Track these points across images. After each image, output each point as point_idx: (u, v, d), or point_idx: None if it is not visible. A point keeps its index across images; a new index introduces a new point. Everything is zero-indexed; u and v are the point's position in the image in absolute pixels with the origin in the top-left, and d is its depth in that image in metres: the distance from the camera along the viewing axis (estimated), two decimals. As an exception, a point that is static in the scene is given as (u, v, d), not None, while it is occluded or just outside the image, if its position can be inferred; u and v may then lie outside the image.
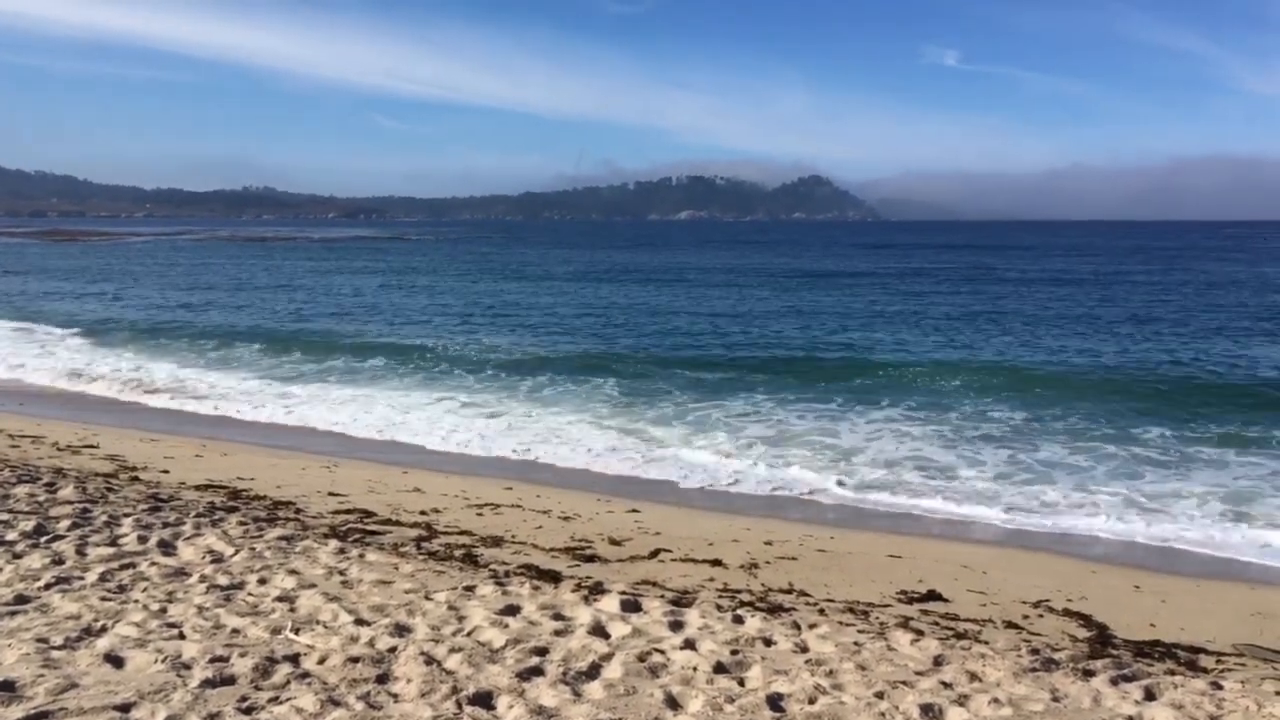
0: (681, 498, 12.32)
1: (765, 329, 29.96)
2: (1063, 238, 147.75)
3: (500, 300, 41.67)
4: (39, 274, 57.84)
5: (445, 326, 31.60)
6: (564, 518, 10.67)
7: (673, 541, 9.67)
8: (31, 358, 23.69)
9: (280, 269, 65.15)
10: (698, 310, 36.29)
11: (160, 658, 5.07)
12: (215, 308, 38.09)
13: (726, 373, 21.35)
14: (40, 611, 5.83)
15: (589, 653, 5.53)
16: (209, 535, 8.08)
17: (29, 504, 8.75)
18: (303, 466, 12.95)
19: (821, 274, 58.64)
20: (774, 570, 8.80)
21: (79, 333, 29.12)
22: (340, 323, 32.85)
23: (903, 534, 10.77)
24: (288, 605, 6.25)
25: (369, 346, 25.95)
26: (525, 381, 20.51)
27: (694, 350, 25.47)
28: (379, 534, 9.22)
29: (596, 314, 35.50)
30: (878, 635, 6.37)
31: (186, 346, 26.26)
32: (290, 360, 23.83)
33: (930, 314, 34.58)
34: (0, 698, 4.47)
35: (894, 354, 24.09)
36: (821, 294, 43.91)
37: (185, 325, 31.77)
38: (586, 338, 28.53)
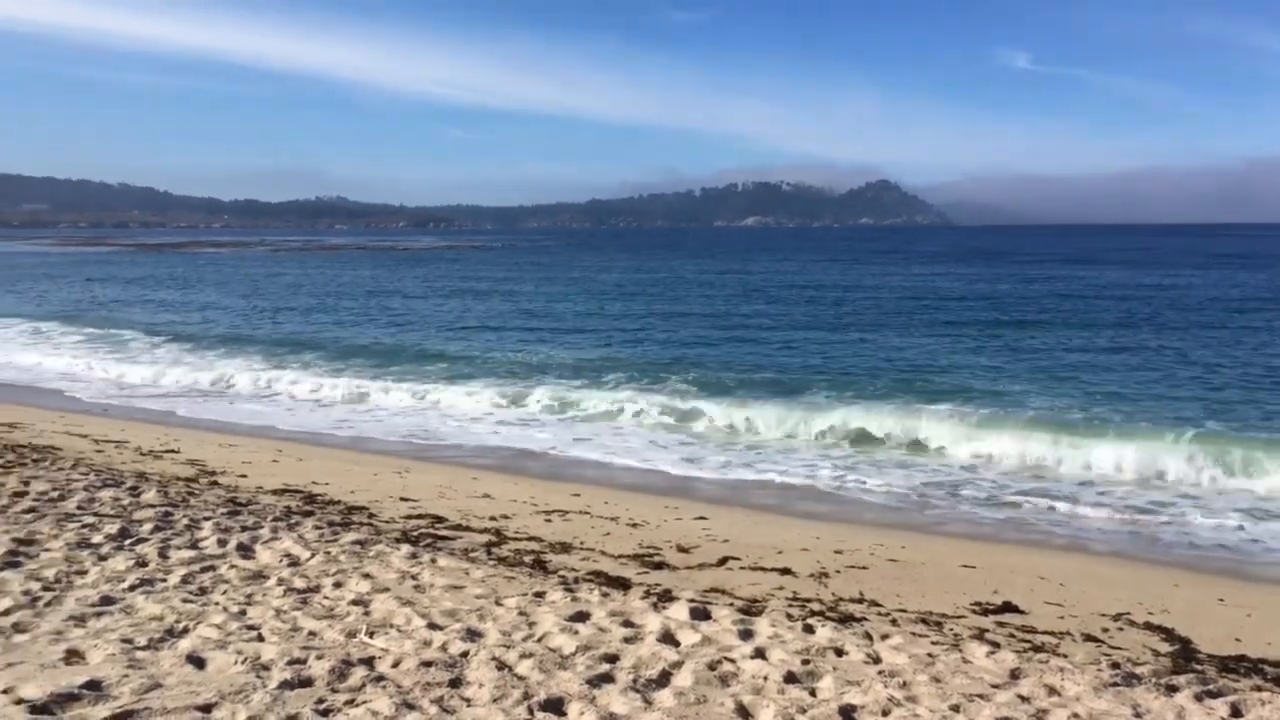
0: (750, 505, 12.25)
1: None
2: (1164, 241, 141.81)
3: (572, 308, 41.90)
4: (123, 283, 59.59)
5: (514, 333, 31.88)
6: (631, 524, 10.68)
7: (741, 549, 9.62)
8: (114, 362, 24.42)
9: (357, 277, 66.29)
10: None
11: (240, 659, 5.18)
12: (291, 314, 38.89)
13: (803, 384, 21.20)
14: (125, 612, 5.99)
15: (659, 660, 5.52)
16: (286, 539, 8.24)
17: (114, 508, 9.00)
18: (375, 472, 13.14)
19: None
20: (844, 579, 8.71)
21: (168, 339, 29.92)
22: (421, 332, 33.30)
23: (976, 544, 10.60)
24: (362, 609, 6.34)
25: (451, 356, 26.28)
26: (597, 387, 20.58)
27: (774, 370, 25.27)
28: (450, 539, 9.31)
29: (673, 322, 35.52)
30: (952, 647, 6.27)
31: (270, 353, 26.83)
32: (367, 366, 24.22)
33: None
34: (88, 696, 4.60)
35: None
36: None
37: (267, 333, 32.50)
38: (663, 346, 28.56)
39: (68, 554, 7.22)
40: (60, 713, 4.43)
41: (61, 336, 31.11)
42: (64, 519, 8.34)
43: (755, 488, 13.22)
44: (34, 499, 9.08)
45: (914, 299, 43.75)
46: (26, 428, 14.85)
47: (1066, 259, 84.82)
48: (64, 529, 7.96)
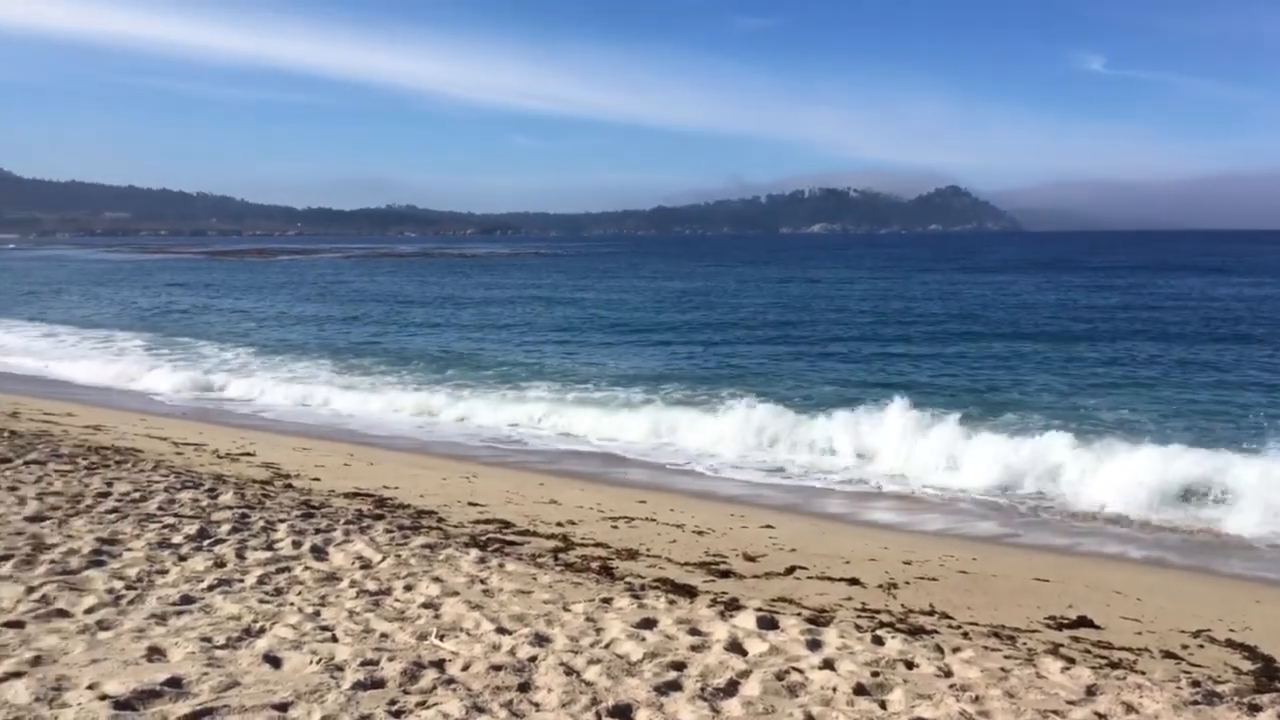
0: (816, 514, 12.17)
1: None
2: (1245, 247, 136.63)
3: (634, 315, 42.01)
4: (201, 288, 61.14)
5: (579, 340, 32.06)
6: (697, 532, 10.66)
7: (808, 559, 9.56)
8: (190, 367, 25.06)
9: (423, 284, 67.21)
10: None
11: (315, 659, 5.27)
12: (357, 320, 39.56)
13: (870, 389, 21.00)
14: (204, 611, 6.13)
15: (726, 669, 5.50)
16: (358, 542, 8.37)
17: (193, 509, 9.23)
18: (443, 477, 13.30)
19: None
20: (914, 591, 8.60)
21: (241, 345, 30.63)
22: (481, 338, 33.67)
23: (1051, 554, 10.40)
24: (432, 612, 6.42)
25: (517, 362, 26.53)
26: (660, 395, 20.60)
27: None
28: (517, 544, 9.38)
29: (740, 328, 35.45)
30: (1026, 661, 6.15)
31: (338, 358, 27.32)
32: (431, 372, 24.54)
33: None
34: (169, 693, 4.72)
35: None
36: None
37: (336, 339, 33.11)
38: (722, 354, 28.51)
39: (149, 553, 7.41)
40: (142, 709, 4.55)
41: (141, 342, 31.99)
42: (145, 519, 8.57)
43: (819, 496, 13.14)
44: (117, 499, 9.34)
45: (981, 309, 43.05)
46: (110, 430, 15.30)
47: (1143, 266, 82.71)
48: (145, 529, 8.18)
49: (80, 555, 7.20)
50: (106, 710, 4.47)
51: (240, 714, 4.53)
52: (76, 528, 8.04)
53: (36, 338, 33.21)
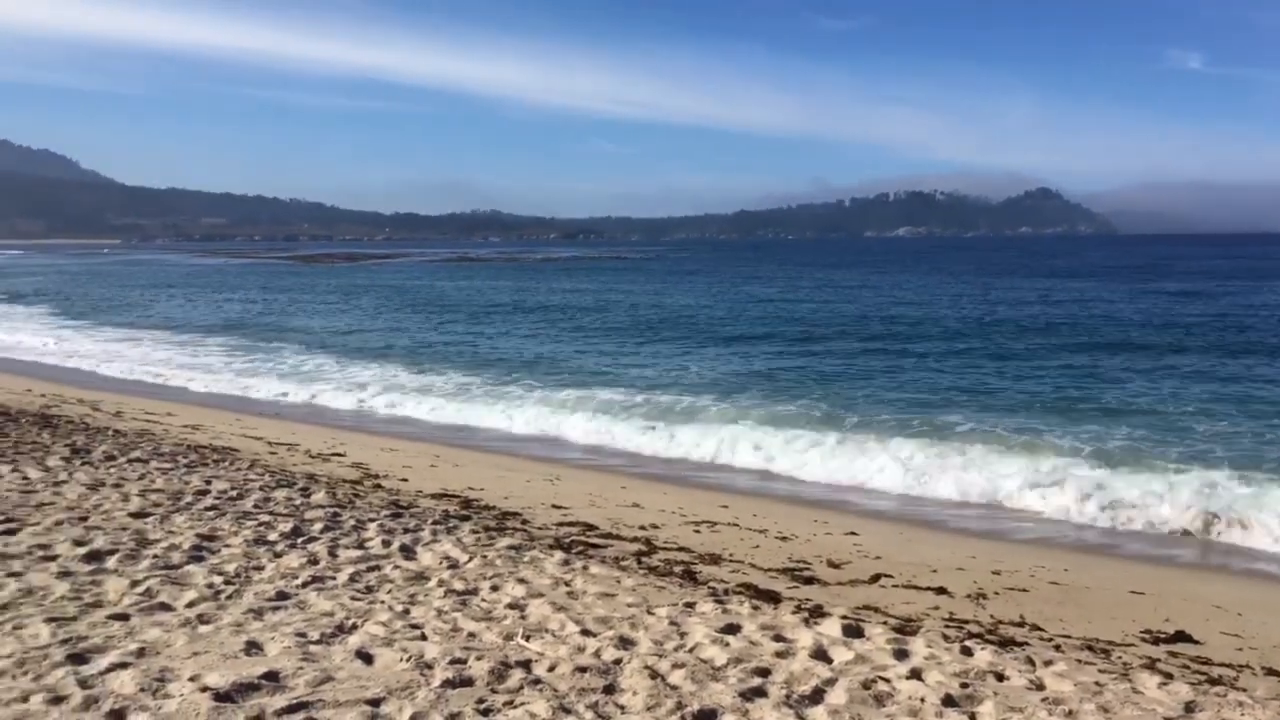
0: (902, 521, 12.01)
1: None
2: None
3: (718, 320, 41.95)
4: (293, 292, 62.76)
5: (654, 345, 32.13)
6: (781, 537, 10.60)
7: (894, 566, 9.44)
8: (281, 368, 25.74)
9: (501, 287, 68.04)
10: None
11: (405, 657, 5.38)
12: (439, 323, 40.21)
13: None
14: (299, 608, 6.30)
15: (811, 676, 5.46)
16: (445, 542, 8.51)
17: (286, 507, 9.49)
18: (527, 479, 13.44)
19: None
20: (1003, 601, 8.43)
21: (332, 348, 31.37)
22: (560, 343, 33.94)
23: (1146, 566, 10.11)
24: (518, 613, 6.50)
25: (596, 370, 26.70)
26: (750, 398, 20.54)
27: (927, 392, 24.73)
28: (601, 547, 9.44)
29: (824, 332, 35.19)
30: (1121, 676, 6.00)
31: (418, 361, 27.81)
32: (514, 375, 24.83)
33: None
34: (266, 687, 4.86)
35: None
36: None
37: (420, 341, 33.72)
38: (803, 359, 28.32)
39: (246, 550, 7.64)
40: (241, 701, 4.69)
41: (231, 343, 32.94)
42: (242, 517, 8.83)
43: (904, 503, 12.96)
44: (215, 497, 9.64)
45: (1071, 319, 42.02)
46: (207, 429, 15.79)
47: (1238, 272, 79.71)
48: (243, 526, 8.43)
49: (181, 551, 7.45)
50: (207, 702, 4.62)
51: (334, 709, 4.65)
52: (177, 524, 8.32)
53: (121, 340, 34.41)
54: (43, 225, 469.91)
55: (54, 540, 7.46)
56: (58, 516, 8.24)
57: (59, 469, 10.45)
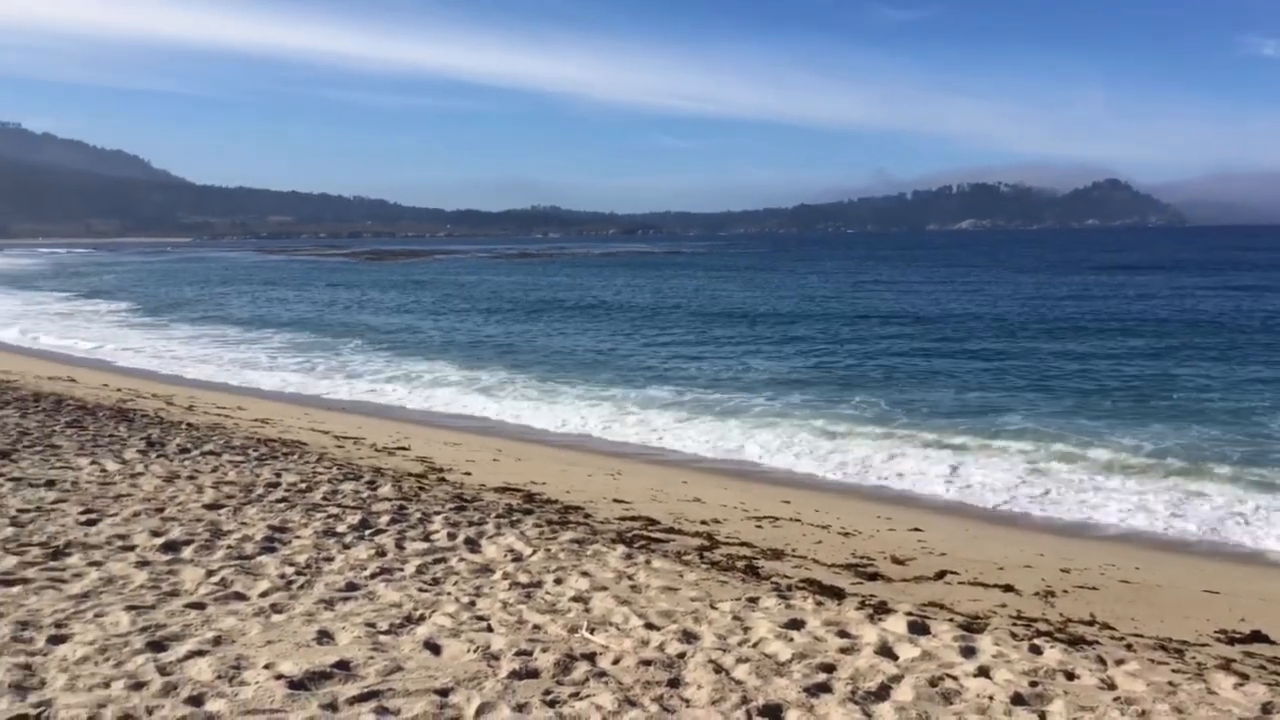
0: (966, 517, 11.86)
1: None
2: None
3: (775, 316, 41.77)
4: (360, 288, 63.73)
5: (714, 344, 32.07)
6: (844, 533, 10.54)
7: (959, 563, 9.33)
8: (348, 364, 26.16)
9: (562, 284, 68.39)
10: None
11: (472, 648, 5.45)
12: (496, 317, 40.55)
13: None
14: (368, 598, 6.41)
15: (877, 673, 5.43)
16: (509, 535, 8.59)
17: (354, 500, 9.65)
18: (589, 473, 13.51)
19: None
20: (1072, 599, 8.30)
21: (400, 344, 31.81)
22: (618, 339, 34.03)
23: (1220, 565, 9.88)
24: (582, 606, 6.54)
25: (652, 366, 26.74)
26: (809, 394, 20.45)
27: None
28: (663, 541, 9.46)
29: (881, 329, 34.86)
30: (1195, 676, 5.87)
31: (480, 358, 28.08)
32: (570, 374, 24.95)
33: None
34: (338, 675, 4.96)
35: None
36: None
37: (480, 337, 34.03)
38: (858, 358, 28.09)
39: (316, 541, 7.79)
40: (314, 689, 4.79)
41: (299, 339, 33.53)
42: (312, 509, 9.00)
43: (969, 500, 12.79)
44: (285, 490, 9.84)
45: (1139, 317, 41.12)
46: (276, 423, 16.11)
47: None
48: (312, 518, 8.59)
49: (254, 542, 7.62)
50: (282, 689, 4.73)
51: (404, 698, 4.72)
52: (250, 516, 8.51)
53: (191, 336, 35.18)
54: (116, 224, 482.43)
55: (132, 531, 7.68)
56: (135, 508, 8.47)
57: (136, 461, 10.74)
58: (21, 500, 8.42)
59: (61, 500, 8.55)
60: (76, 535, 7.45)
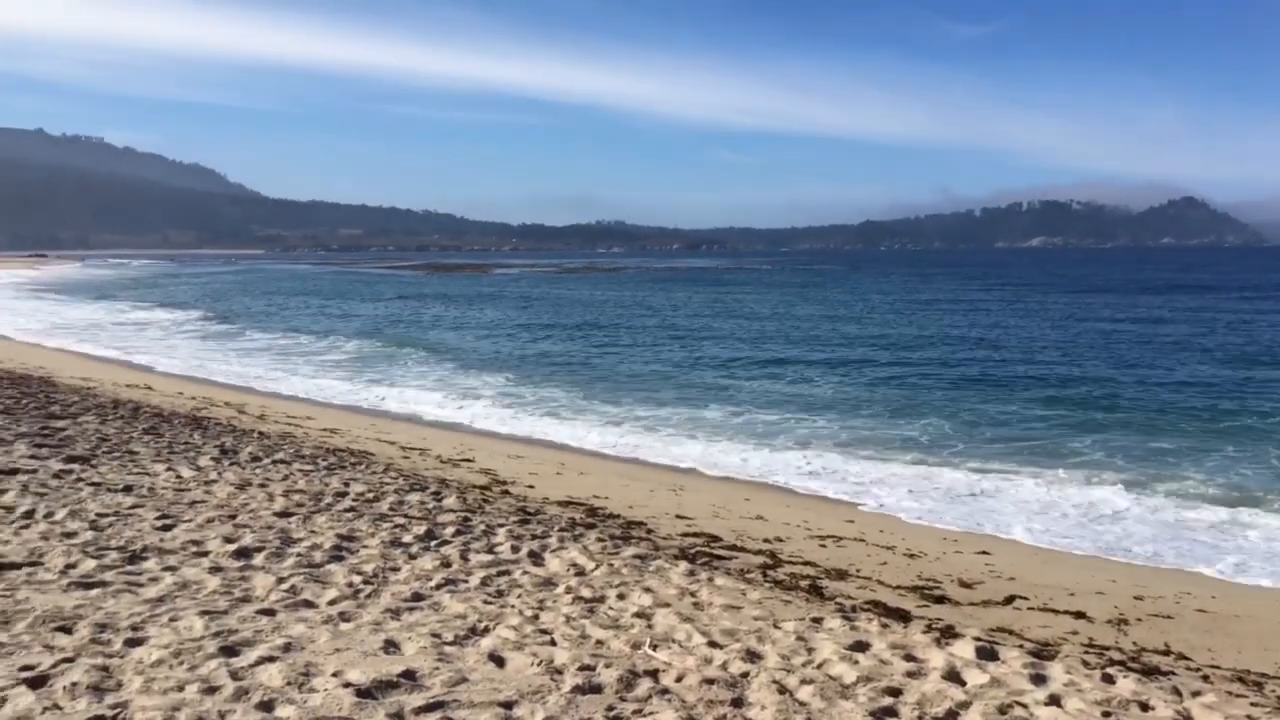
0: (1035, 543, 11.62)
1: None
2: None
3: (832, 339, 41.45)
4: (429, 300, 64.58)
5: (783, 365, 31.91)
6: (909, 555, 10.41)
7: (1028, 588, 9.16)
8: (415, 376, 26.49)
9: (624, 297, 68.58)
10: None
11: (535, 661, 5.47)
12: (558, 331, 40.77)
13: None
14: (433, 609, 6.47)
15: (944, 698, 5.34)
16: (572, 549, 8.62)
17: (420, 510, 9.76)
18: (651, 489, 13.50)
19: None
20: (1146, 628, 8.09)
21: (467, 356, 32.16)
22: (680, 353, 34.00)
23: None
24: (645, 622, 6.53)
25: (716, 385, 26.68)
26: (872, 415, 20.26)
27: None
28: (725, 559, 9.43)
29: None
30: (1275, 710, 5.69)
31: (542, 372, 28.26)
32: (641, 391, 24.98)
33: None
34: (404, 685, 5.01)
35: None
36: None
37: (545, 351, 34.26)
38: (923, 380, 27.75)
39: (383, 551, 7.89)
40: (381, 698, 4.84)
41: (366, 350, 34.05)
42: (379, 519, 9.12)
43: (1037, 526, 12.53)
44: (353, 499, 9.99)
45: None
46: (344, 433, 16.36)
47: None
48: (379, 528, 8.70)
49: (322, 550, 7.74)
50: (350, 697, 4.79)
51: (470, 709, 4.76)
52: (319, 524, 8.65)
53: (263, 347, 35.88)
54: (193, 236, 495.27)
55: (206, 537, 7.84)
56: (209, 514, 8.65)
57: (209, 469, 10.97)
58: (100, 505, 8.65)
59: (138, 505, 8.76)
60: (152, 540, 7.62)
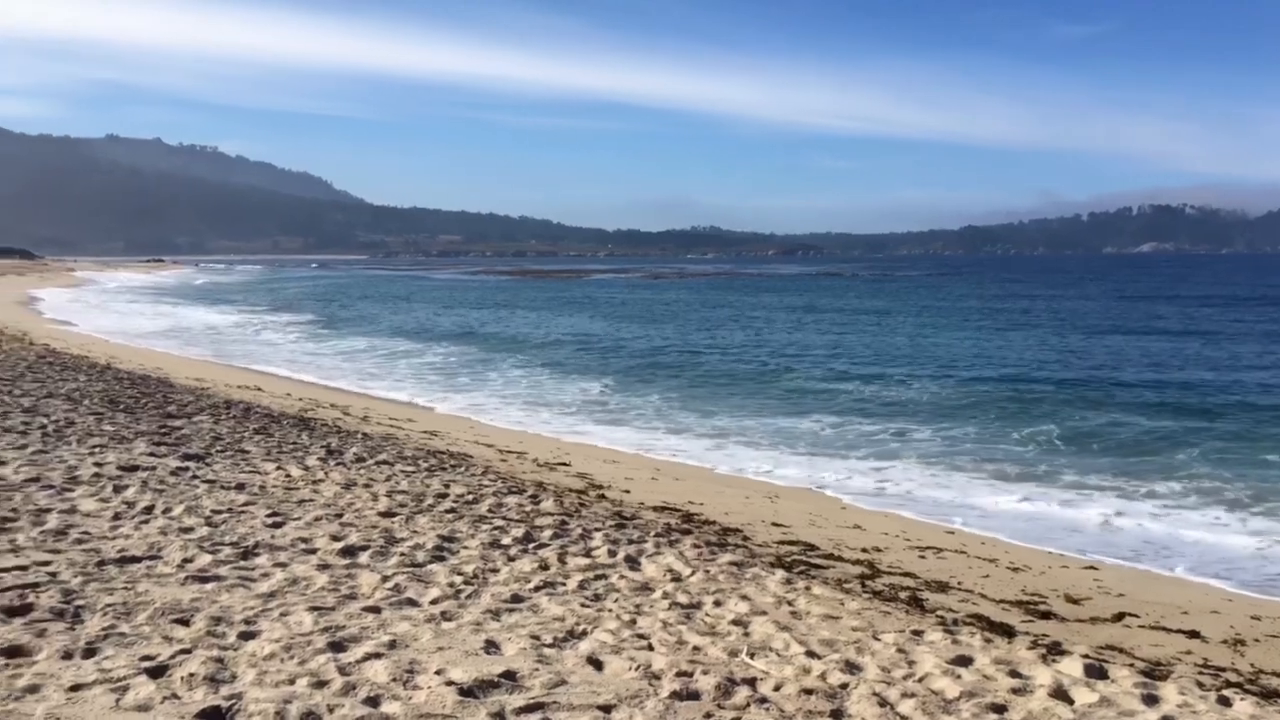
0: (1146, 559, 11.23)
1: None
2: None
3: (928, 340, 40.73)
4: (531, 308, 65.45)
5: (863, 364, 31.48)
6: (1012, 568, 10.16)
7: (1139, 605, 8.86)
8: (511, 383, 26.85)
9: (718, 303, 68.45)
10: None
11: (633, 665, 5.49)
12: (661, 336, 40.87)
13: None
14: (532, 611, 6.55)
15: (1052, 716, 5.20)
16: (668, 555, 8.64)
17: (518, 513, 9.89)
18: (746, 495, 13.45)
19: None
20: (1264, 650, 7.77)
21: (566, 366, 32.53)
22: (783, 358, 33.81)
23: None
24: (742, 629, 6.51)
25: (812, 389, 26.47)
26: (977, 425, 19.87)
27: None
28: (822, 568, 9.34)
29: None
30: None
31: (642, 377, 28.36)
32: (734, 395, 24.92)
33: None
34: (505, 685, 5.08)
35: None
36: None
37: (639, 354, 34.40)
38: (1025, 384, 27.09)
39: (482, 552, 8.02)
40: (483, 697, 4.91)
41: (464, 353, 34.65)
42: (478, 520, 9.27)
43: (1147, 542, 12.10)
44: (453, 501, 10.17)
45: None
46: (444, 435, 16.67)
47: None
48: (478, 529, 8.85)
49: (425, 550, 7.90)
50: (453, 695, 4.88)
51: (569, 711, 4.80)
52: (420, 524, 8.83)
53: (366, 349, 36.74)
54: (300, 241, 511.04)
55: (314, 535, 8.08)
56: (317, 512, 8.91)
57: (316, 468, 11.30)
58: (215, 501, 8.98)
59: (250, 503, 9.07)
60: (264, 537, 7.88)
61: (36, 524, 7.66)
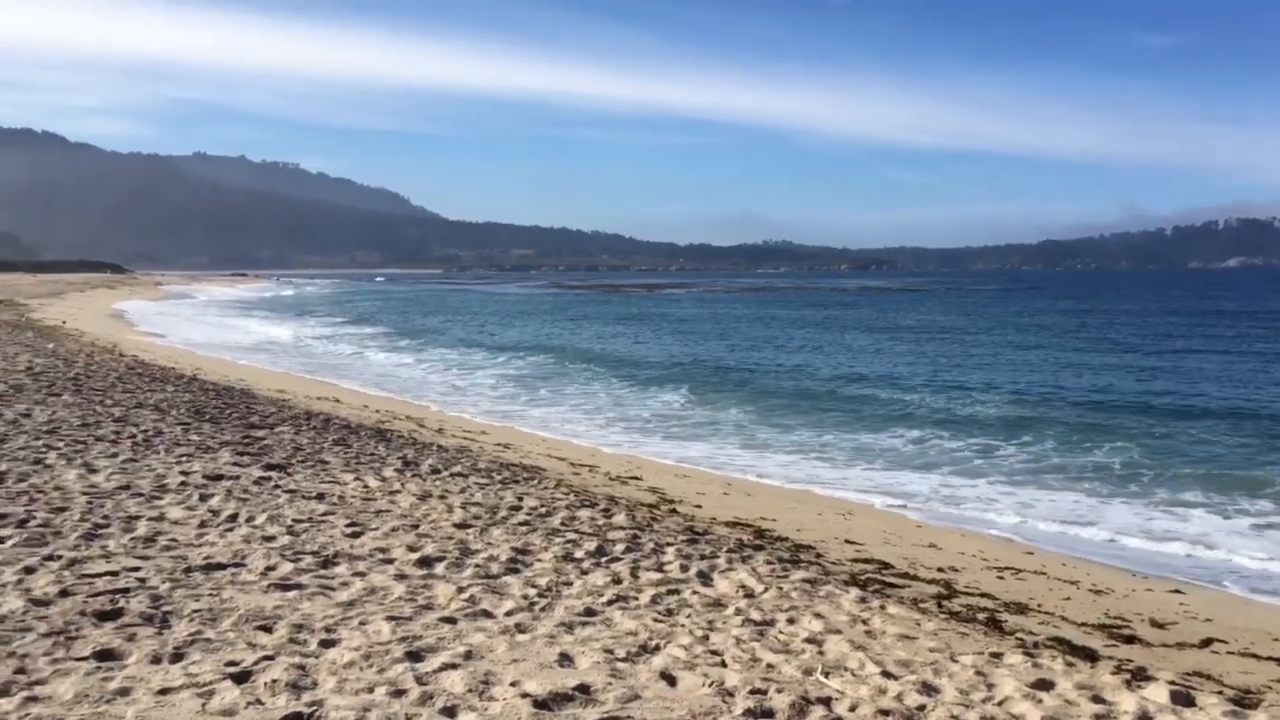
0: (1232, 583, 10.88)
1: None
2: None
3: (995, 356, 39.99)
4: (605, 321, 65.82)
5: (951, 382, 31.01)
6: (1094, 591, 9.92)
7: (1227, 632, 8.58)
8: (579, 398, 26.98)
9: (789, 319, 68.04)
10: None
11: (707, 682, 5.48)
12: (717, 348, 40.75)
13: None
14: (605, 625, 6.57)
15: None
16: (740, 571, 8.60)
17: (590, 526, 9.93)
18: (819, 512, 13.33)
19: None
20: (1363, 681, 7.45)
21: (632, 377, 32.65)
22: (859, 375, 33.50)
23: None
24: (816, 648, 6.46)
25: (881, 400, 26.20)
26: (1052, 443, 19.47)
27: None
28: (898, 587, 9.21)
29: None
30: None
31: (716, 390, 28.33)
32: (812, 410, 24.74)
33: None
34: (579, 699, 5.11)
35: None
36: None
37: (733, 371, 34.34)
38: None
39: (556, 565, 8.07)
40: (557, 710, 4.95)
41: (538, 367, 34.94)
42: (551, 533, 9.33)
43: (1233, 566, 11.72)
44: (526, 513, 10.26)
45: None
46: (516, 448, 16.82)
47: None
48: (552, 542, 8.91)
49: (499, 562, 7.98)
50: (528, 707, 4.92)
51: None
52: (495, 536, 8.93)
53: (440, 361, 37.23)
54: (377, 256, 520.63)
55: (391, 545, 8.21)
56: (394, 523, 9.06)
57: (393, 479, 11.48)
58: (296, 511, 9.18)
59: (330, 513, 9.26)
60: (343, 546, 8.04)
61: (127, 530, 7.92)
